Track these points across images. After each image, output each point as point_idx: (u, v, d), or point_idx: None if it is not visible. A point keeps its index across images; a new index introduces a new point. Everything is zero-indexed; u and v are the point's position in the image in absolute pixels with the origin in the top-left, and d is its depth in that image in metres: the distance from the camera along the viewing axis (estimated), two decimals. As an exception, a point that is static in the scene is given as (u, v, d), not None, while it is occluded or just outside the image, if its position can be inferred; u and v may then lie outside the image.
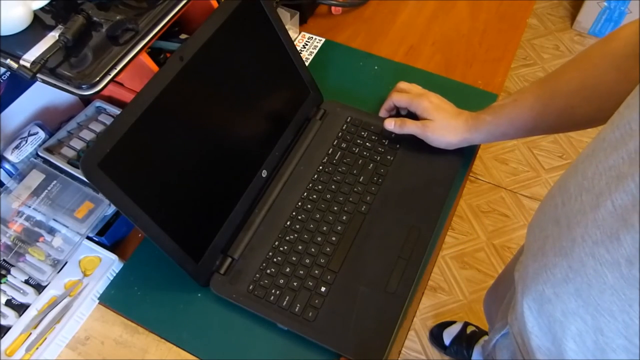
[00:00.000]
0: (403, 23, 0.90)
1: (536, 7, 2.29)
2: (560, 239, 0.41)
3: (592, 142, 0.40)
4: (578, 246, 0.38)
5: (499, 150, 1.84)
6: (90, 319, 0.60)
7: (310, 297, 0.57)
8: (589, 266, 0.37)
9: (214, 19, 0.58)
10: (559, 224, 0.42)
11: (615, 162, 0.35)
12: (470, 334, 1.36)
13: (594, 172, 0.37)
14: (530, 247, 0.48)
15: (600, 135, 0.39)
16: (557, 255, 0.41)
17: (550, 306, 0.43)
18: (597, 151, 0.38)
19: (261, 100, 0.66)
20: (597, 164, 0.37)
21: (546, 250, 0.43)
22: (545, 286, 0.43)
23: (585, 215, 0.37)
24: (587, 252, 0.37)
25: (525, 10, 0.91)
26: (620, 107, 0.38)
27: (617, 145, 0.35)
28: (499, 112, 0.62)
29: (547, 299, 0.44)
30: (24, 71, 0.50)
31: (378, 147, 0.70)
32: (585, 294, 0.38)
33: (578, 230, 0.38)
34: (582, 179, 0.39)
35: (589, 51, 0.54)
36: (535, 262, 0.45)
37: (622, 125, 0.35)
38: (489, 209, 1.69)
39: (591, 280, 0.37)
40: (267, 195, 0.65)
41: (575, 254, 0.38)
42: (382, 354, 0.53)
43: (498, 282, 0.89)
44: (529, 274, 0.47)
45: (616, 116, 0.38)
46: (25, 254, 0.59)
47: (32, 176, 0.62)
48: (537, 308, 0.46)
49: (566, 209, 0.41)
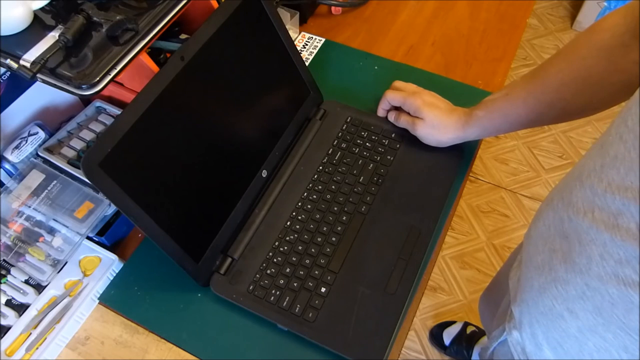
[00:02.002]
0: (403, 23, 0.90)
1: (536, 7, 2.29)
2: (572, 255, 0.39)
3: (599, 155, 0.37)
4: (597, 265, 0.36)
5: (499, 150, 1.84)
6: (90, 319, 0.60)
7: (310, 298, 0.57)
8: (611, 285, 0.35)
9: (215, 19, 0.58)
10: (568, 239, 0.40)
11: (632, 183, 0.33)
12: (470, 334, 1.36)
13: (605, 190, 0.35)
14: (532, 259, 0.47)
15: (608, 150, 0.36)
16: (569, 272, 0.40)
17: (563, 322, 0.42)
18: (606, 168, 0.36)
19: (261, 100, 0.66)
20: (609, 182, 0.35)
21: (554, 264, 0.42)
22: (556, 302, 0.42)
23: (601, 234, 0.36)
24: (608, 271, 0.35)
25: (525, 10, 0.91)
26: (628, 120, 0.34)
27: (633, 166, 0.33)
28: (491, 107, 0.62)
29: (558, 314, 0.43)
30: (24, 71, 0.50)
31: (378, 147, 0.70)
32: (607, 312, 0.37)
33: (595, 248, 0.36)
34: (592, 195, 0.37)
35: (576, 43, 0.54)
36: (541, 276, 0.44)
37: (637, 146, 0.32)
38: (489, 209, 1.69)
39: (615, 300, 0.36)
40: (267, 195, 0.65)
41: (593, 272, 0.37)
42: (382, 354, 0.53)
43: (491, 288, 0.89)
44: (534, 288, 0.46)
45: (624, 130, 0.34)
46: (25, 254, 0.59)
47: (32, 176, 0.62)
48: (547, 323, 0.45)
49: (574, 224, 0.39)
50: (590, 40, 0.52)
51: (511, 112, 0.60)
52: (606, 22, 0.51)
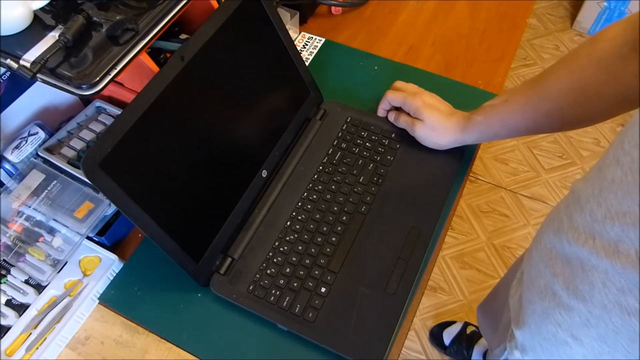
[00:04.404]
0: (403, 23, 0.90)
1: (536, 7, 2.29)
2: (575, 281, 0.39)
3: (597, 179, 0.37)
4: (599, 292, 0.36)
5: (499, 150, 1.84)
6: (90, 319, 0.60)
7: (310, 298, 0.57)
8: (615, 314, 0.35)
9: (215, 19, 0.58)
10: (571, 264, 0.40)
11: (630, 208, 0.32)
12: (470, 334, 1.36)
13: (604, 216, 0.35)
14: (533, 281, 0.47)
15: (605, 173, 0.36)
16: (572, 298, 0.39)
17: (568, 348, 0.42)
18: (604, 192, 0.35)
19: (261, 100, 0.66)
20: (607, 207, 0.35)
21: (556, 290, 0.42)
22: (560, 328, 0.42)
23: (602, 261, 0.35)
24: (610, 299, 0.35)
25: (525, 10, 0.91)
26: (624, 143, 0.34)
27: (630, 190, 0.32)
28: (490, 112, 0.62)
29: (562, 340, 0.42)
30: (24, 71, 0.50)
31: (378, 147, 0.70)
32: (611, 340, 0.37)
33: (597, 275, 0.36)
34: (591, 221, 0.36)
35: (576, 53, 0.54)
36: (544, 301, 0.44)
37: (635, 169, 0.32)
38: (489, 209, 1.69)
39: (619, 329, 0.35)
40: (267, 196, 0.65)
41: (596, 299, 0.36)
42: (382, 354, 0.53)
43: (490, 299, 0.88)
44: (536, 312, 0.45)
45: (621, 153, 0.34)
46: (25, 254, 0.59)
47: (32, 176, 0.62)
48: (550, 349, 0.45)
49: (574, 249, 0.39)
50: (590, 51, 0.52)
51: (509, 119, 0.60)
52: (607, 33, 0.50)
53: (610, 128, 1.89)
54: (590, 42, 0.52)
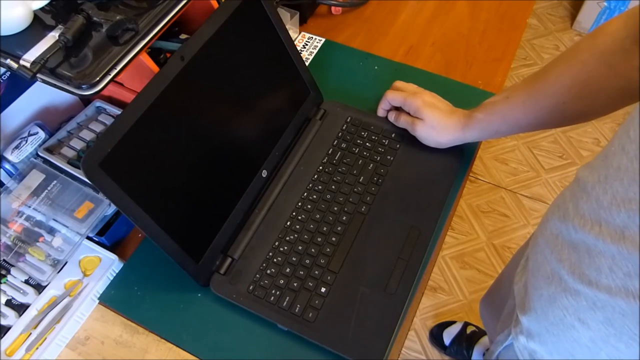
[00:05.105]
0: (403, 23, 0.90)
1: (536, 7, 2.29)
2: (581, 266, 0.39)
3: (603, 166, 0.38)
4: (606, 277, 0.36)
5: (499, 150, 1.84)
6: (90, 319, 0.60)
7: (310, 298, 0.57)
8: (620, 298, 0.35)
9: (215, 19, 0.58)
10: (577, 250, 0.40)
11: (636, 194, 0.33)
12: (470, 334, 1.36)
13: (610, 203, 0.35)
14: (539, 267, 0.47)
15: (611, 161, 0.36)
16: (578, 283, 0.40)
17: (575, 332, 0.42)
18: (610, 179, 0.36)
19: (261, 100, 0.66)
20: (613, 194, 0.35)
21: (563, 275, 0.42)
22: (567, 312, 0.42)
23: (608, 246, 0.36)
24: (617, 283, 0.35)
25: (525, 10, 0.91)
26: (630, 131, 0.34)
27: (636, 177, 0.33)
28: (491, 109, 0.62)
29: (569, 324, 0.42)
30: (24, 71, 0.50)
31: (378, 147, 0.70)
32: (618, 323, 0.37)
33: (603, 260, 0.36)
34: (597, 207, 0.37)
35: (577, 47, 0.54)
36: (551, 286, 0.44)
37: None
38: (489, 209, 1.69)
39: (625, 311, 0.36)
40: (267, 195, 0.65)
41: (603, 284, 0.37)
42: (382, 354, 0.53)
43: (493, 290, 0.88)
44: (543, 297, 0.46)
45: (627, 141, 0.34)
46: (25, 254, 0.59)
47: (32, 176, 0.62)
48: (557, 333, 0.45)
49: (581, 235, 0.39)
50: (592, 45, 0.52)
51: (511, 115, 0.60)
52: (608, 27, 0.50)
53: (610, 128, 1.89)
54: (591, 37, 0.52)
